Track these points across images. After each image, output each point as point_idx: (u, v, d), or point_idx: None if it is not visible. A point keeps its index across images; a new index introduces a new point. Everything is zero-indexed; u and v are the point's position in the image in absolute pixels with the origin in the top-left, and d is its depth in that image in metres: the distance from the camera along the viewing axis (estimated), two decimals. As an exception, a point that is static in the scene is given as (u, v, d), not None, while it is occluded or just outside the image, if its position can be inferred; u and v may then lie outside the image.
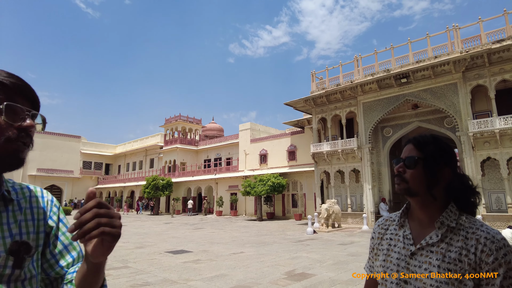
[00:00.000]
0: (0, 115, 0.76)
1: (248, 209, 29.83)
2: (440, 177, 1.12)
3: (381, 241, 1.24)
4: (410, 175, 1.13)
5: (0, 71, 0.82)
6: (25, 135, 0.80)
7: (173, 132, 40.90)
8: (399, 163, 1.17)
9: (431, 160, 1.12)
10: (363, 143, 19.94)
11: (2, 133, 0.76)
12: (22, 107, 0.80)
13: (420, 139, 1.18)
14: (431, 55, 17.66)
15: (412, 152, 1.16)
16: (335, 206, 17.72)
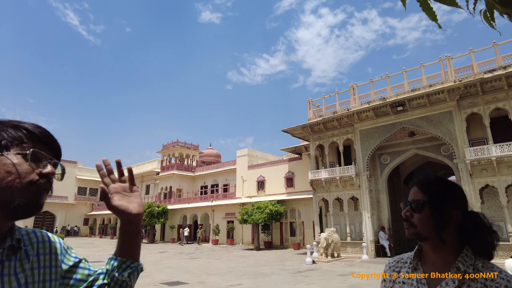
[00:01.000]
0: (25, 160, 0.81)
1: (245, 238, 29.19)
2: (448, 220, 1.07)
3: (394, 285, 1.18)
4: (417, 219, 1.10)
5: (30, 123, 0.90)
6: (45, 181, 0.84)
7: (170, 158, 40.73)
8: (406, 207, 1.14)
9: (437, 203, 1.08)
10: (361, 170, 19.90)
11: (26, 177, 0.80)
12: (46, 155, 0.86)
13: (424, 180, 1.15)
14: (426, 84, 18.02)
15: (417, 195, 1.13)
16: (334, 235, 17.40)
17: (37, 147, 0.85)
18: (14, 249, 0.84)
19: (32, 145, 0.84)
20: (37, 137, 0.86)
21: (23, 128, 0.85)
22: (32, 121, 0.90)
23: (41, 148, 0.86)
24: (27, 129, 0.85)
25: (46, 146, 0.88)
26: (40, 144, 0.86)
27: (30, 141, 0.85)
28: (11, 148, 0.81)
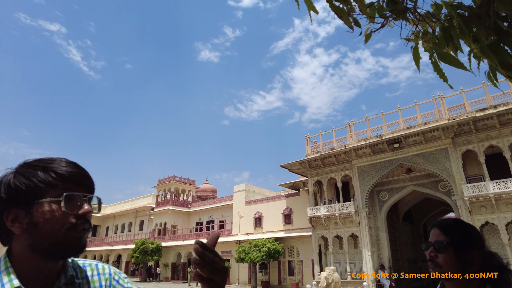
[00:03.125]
0: (60, 205, 0.81)
1: (242, 277, 28.19)
2: (471, 261, 1.14)
3: None
4: (442, 259, 1.16)
5: (60, 160, 0.88)
6: (84, 221, 0.84)
7: (165, 193, 40.21)
8: (430, 248, 1.21)
9: (460, 245, 1.16)
10: (360, 207, 19.78)
11: (64, 222, 0.81)
12: (79, 195, 0.84)
13: (445, 223, 1.23)
14: (421, 122, 18.47)
15: (439, 236, 1.20)
16: (334, 274, 16.92)
17: (70, 187, 0.84)
18: (68, 286, 0.86)
19: (64, 186, 0.83)
20: (68, 178, 0.85)
21: (52, 171, 0.84)
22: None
23: (73, 187, 0.85)
24: (56, 172, 0.84)
25: (80, 184, 0.87)
26: (72, 183, 0.85)
27: (61, 183, 0.83)
28: (45, 194, 0.82)
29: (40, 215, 0.80)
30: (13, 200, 0.81)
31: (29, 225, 0.80)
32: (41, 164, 0.85)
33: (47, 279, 0.84)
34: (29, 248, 0.81)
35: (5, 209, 0.81)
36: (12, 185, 0.81)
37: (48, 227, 0.80)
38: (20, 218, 0.80)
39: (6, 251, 0.84)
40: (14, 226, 0.81)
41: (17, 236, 0.82)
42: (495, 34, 1.41)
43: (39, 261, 0.82)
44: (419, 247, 24.96)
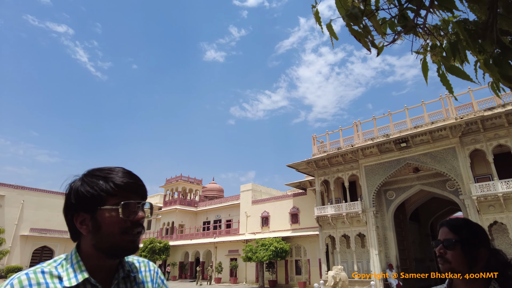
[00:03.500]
0: (118, 212, 0.94)
1: (249, 276, 28.38)
2: (478, 257, 1.25)
3: None
4: (451, 256, 1.27)
5: (118, 171, 1.01)
6: (137, 225, 0.97)
7: (173, 193, 40.57)
8: (439, 245, 1.31)
9: (468, 243, 1.26)
10: (367, 206, 19.82)
11: (121, 227, 0.94)
12: (134, 202, 0.98)
13: (454, 223, 1.33)
14: (428, 121, 18.45)
15: (448, 235, 1.30)
16: (342, 273, 17.00)
17: (126, 196, 0.97)
18: (126, 280, 1.02)
19: (121, 195, 0.96)
20: (125, 188, 0.97)
21: (111, 181, 0.96)
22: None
23: (129, 196, 0.97)
24: (115, 183, 0.96)
25: (134, 192, 1.00)
26: (128, 192, 0.98)
27: (119, 192, 0.96)
28: (106, 202, 0.95)
29: (102, 220, 0.94)
30: (80, 205, 0.95)
31: (94, 228, 0.94)
32: (102, 174, 0.98)
33: (109, 273, 0.99)
34: (94, 247, 0.95)
35: (75, 212, 0.96)
36: (80, 193, 0.95)
37: (108, 231, 0.94)
38: (86, 221, 0.95)
39: (76, 247, 0.99)
40: (82, 228, 0.95)
41: (84, 236, 0.97)
42: (499, 47, 1.54)
43: (102, 258, 0.96)
44: (427, 247, 24.91)
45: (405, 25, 1.75)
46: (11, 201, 40.67)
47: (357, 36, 1.34)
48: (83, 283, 0.90)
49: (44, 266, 0.91)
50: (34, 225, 41.60)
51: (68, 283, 0.88)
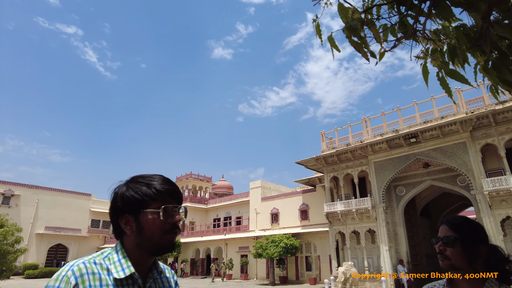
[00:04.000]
0: (159, 215, 1.07)
1: (260, 273, 28.60)
2: (478, 254, 1.31)
3: None
4: (451, 253, 1.33)
5: (158, 178, 1.13)
6: (175, 227, 1.10)
7: (183, 190, 41.02)
8: (439, 242, 1.37)
9: (468, 240, 1.32)
10: (377, 202, 19.78)
11: (162, 228, 1.07)
12: (173, 206, 1.10)
13: (453, 221, 1.40)
14: (438, 116, 18.27)
15: (448, 232, 1.36)
16: (352, 269, 17.08)
17: (166, 200, 1.09)
18: (156, 279, 1.14)
19: (162, 199, 1.08)
20: (164, 194, 1.09)
21: (154, 187, 1.09)
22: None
23: (168, 200, 1.10)
24: (156, 189, 1.09)
25: (173, 198, 1.12)
26: (167, 197, 1.10)
27: (160, 197, 1.08)
28: (148, 205, 1.07)
29: (145, 222, 1.06)
30: (125, 208, 1.08)
31: (138, 229, 1.07)
32: (145, 181, 1.10)
33: (146, 269, 1.12)
34: (137, 246, 1.08)
35: (120, 214, 1.09)
36: (125, 197, 1.08)
37: (151, 232, 1.06)
38: (130, 222, 1.08)
39: (119, 243, 1.12)
40: (126, 228, 1.08)
41: (128, 235, 1.09)
42: (497, 52, 1.61)
43: (143, 255, 1.09)
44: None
45: (406, 31, 1.84)
46: (26, 200, 41.59)
47: (356, 47, 1.43)
48: (128, 278, 1.02)
49: (95, 257, 1.04)
50: (49, 223, 42.53)
51: (117, 275, 1.00)
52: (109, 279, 1.00)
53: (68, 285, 0.92)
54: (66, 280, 0.93)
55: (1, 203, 39.40)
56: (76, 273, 0.95)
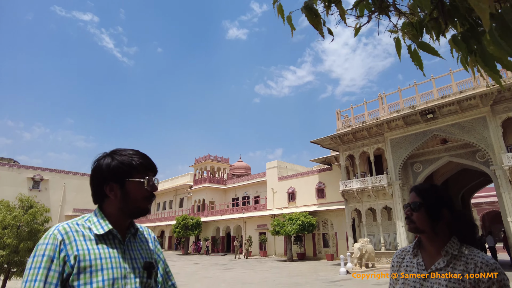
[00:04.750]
0: (143, 184, 1.26)
1: (278, 250, 29.35)
2: (440, 217, 1.43)
3: (399, 268, 1.54)
4: (416, 217, 1.46)
5: (138, 152, 1.32)
6: (152, 195, 1.29)
7: (202, 172, 41.91)
8: (407, 208, 1.51)
9: (431, 205, 1.45)
10: (393, 179, 19.70)
11: (144, 195, 1.26)
12: (153, 177, 1.29)
13: (420, 187, 1.52)
14: (456, 90, 17.75)
15: (415, 198, 1.50)
16: (368, 245, 17.30)
17: (147, 172, 1.28)
18: (134, 235, 1.32)
19: (143, 171, 1.26)
20: (146, 166, 1.28)
21: (137, 160, 1.26)
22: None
23: (147, 172, 1.28)
24: (140, 162, 1.26)
25: (152, 170, 1.31)
26: (147, 169, 1.28)
27: (142, 169, 1.26)
28: (133, 175, 1.24)
29: (131, 189, 1.23)
30: (111, 177, 1.25)
31: (123, 195, 1.25)
32: (128, 154, 1.27)
33: (124, 228, 1.30)
34: (119, 209, 1.26)
35: (105, 182, 1.26)
36: (112, 167, 1.25)
37: (135, 197, 1.24)
38: (115, 189, 1.25)
39: (98, 208, 1.30)
40: (111, 194, 1.25)
41: (111, 200, 1.26)
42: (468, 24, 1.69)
43: (123, 218, 1.28)
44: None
45: (378, 6, 1.94)
46: (54, 185, 43.66)
47: (314, 25, 1.55)
48: (107, 233, 1.22)
49: (77, 220, 1.23)
50: (76, 206, 44.67)
51: (97, 232, 1.20)
52: (91, 235, 1.18)
53: (55, 241, 1.10)
54: (53, 237, 1.12)
55: (32, 187, 41.57)
56: (61, 231, 1.14)
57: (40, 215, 10.05)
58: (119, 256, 1.19)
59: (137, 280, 1.20)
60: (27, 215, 9.71)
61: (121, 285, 1.14)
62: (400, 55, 2.02)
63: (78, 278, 1.07)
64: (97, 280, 1.09)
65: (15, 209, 10.01)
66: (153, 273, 1.28)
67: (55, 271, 1.06)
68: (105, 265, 1.13)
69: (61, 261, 1.08)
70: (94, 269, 1.10)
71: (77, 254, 1.10)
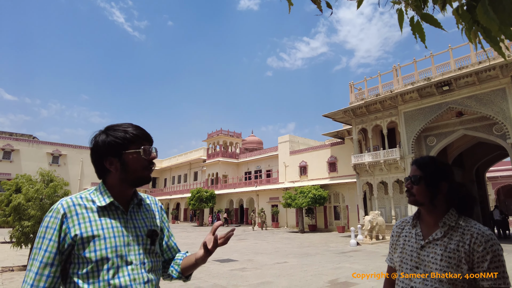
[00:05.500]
0: (140, 154, 1.30)
1: (290, 221, 29.99)
2: (439, 190, 1.47)
3: (399, 238, 1.60)
4: (415, 190, 1.50)
5: (130, 125, 1.33)
6: (151, 163, 1.34)
7: (215, 146, 42.42)
8: (408, 181, 1.56)
9: (430, 178, 1.49)
10: (406, 153, 19.55)
11: (142, 164, 1.30)
12: (149, 146, 1.33)
13: (421, 161, 1.55)
14: (475, 61, 17.11)
15: (416, 172, 1.53)
16: (378, 218, 17.49)
17: (142, 142, 1.31)
18: (139, 205, 1.38)
19: (139, 142, 1.30)
20: (140, 137, 1.31)
21: (130, 133, 1.29)
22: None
23: (143, 142, 1.31)
24: (133, 133, 1.30)
25: (148, 140, 1.34)
26: (142, 140, 1.31)
27: (137, 140, 1.29)
28: (129, 147, 1.28)
29: (128, 160, 1.28)
30: (109, 151, 1.32)
31: (122, 167, 1.32)
32: (121, 129, 1.31)
33: (127, 199, 1.38)
34: (121, 180, 1.29)
35: (104, 157, 1.33)
36: (108, 143, 1.28)
37: (134, 168, 1.28)
38: (114, 163, 1.31)
39: (102, 182, 1.38)
40: (111, 167, 1.33)
41: (112, 173, 1.34)
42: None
43: (125, 188, 1.35)
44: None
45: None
46: (72, 160, 45.00)
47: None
48: (109, 205, 1.30)
49: (81, 193, 1.32)
50: (94, 180, 46.13)
51: (100, 204, 1.29)
52: (94, 207, 1.26)
53: (58, 214, 1.20)
54: (56, 211, 1.20)
55: (52, 162, 43.02)
56: (64, 205, 1.23)
57: (60, 189, 10.51)
58: (121, 225, 1.27)
59: (140, 247, 1.29)
60: (48, 188, 10.19)
61: (125, 252, 1.23)
62: (402, 28, 1.98)
63: (83, 247, 1.18)
64: (100, 248, 1.18)
65: (37, 183, 10.50)
66: (156, 240, 1.36)
67: (55, 242, 1.17)
68: (107, 234, 1.22)
69: (62, 232, 1.18)
70: (97, 238, 1.20)
71: (79, 227, 1.20)
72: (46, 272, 1.14)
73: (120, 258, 1.21)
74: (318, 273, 8.78)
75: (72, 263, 1.20)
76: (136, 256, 1.26)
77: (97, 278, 1.16)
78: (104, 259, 1.18)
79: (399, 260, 1.53)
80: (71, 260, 1.20)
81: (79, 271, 1.17)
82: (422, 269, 1.41)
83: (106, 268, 1.18)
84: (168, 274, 1.49)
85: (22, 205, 9.65)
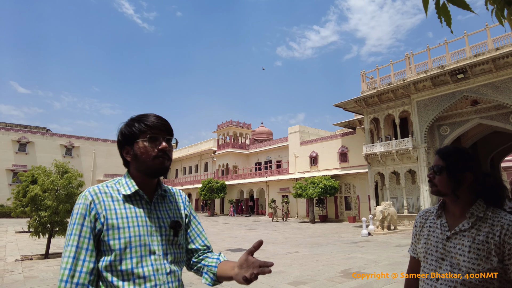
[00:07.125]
0: (146, 143, 1.27)
1: (300, 212, 30.05)
2: (462, 181, 1.42)
3: (422, 229, 1.56)
4: (437, 180, 1.46)
5: (149, 115, 1.33)
6: (163, 154, 1.29)
7: (225, 137, 42.56)
8: (431, 171, 1.51)
9: (453, 168, 1.44)
10: (419, 143, 19.27)
11: (150, 154, 1.27)
12: (159, 136, 1.29)
13: (444, 150, 1.51)
14: (492, 47, 16.62)
15: (438, 161, 1.49)
16: (390, 208, 17.37)
17: (154, 132, 1.28)
18: (163, 196, 1.38)
19: (150, 131, 1.27)
20: (152, 127, 1.28)
21: (143, 122, 1.29)
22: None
23: (157, 132, 1.28)
24: (145, 123, 1.28)
25: (161, 130, 1.30)
26: (156, 130, 1.28)
27: (148, 129, 1.27)
28: (139, 137, 1.28)
29: (137, 149, 1.28)
30: (125, 141, 1.34)
31: (134, 156, 1.33)
32: (137, 118, 1.31)
33: (150, 189, 1.38)
34: (136, 170, 1.34)
35: (123, 146, 1.36)
36: (123, 133, 1.35)
37: (142, 157, 1.27)
38: (129, 152, 1.31)
39: (127, 171, 1.40)
40: (127, 156, 1.35)
41: (132, 163, 1.36)
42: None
43: (144, 178, 1.36)
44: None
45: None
46: (85, 151, 45.75)
47: None
48: (134, 194, 1.31)
49: (108, 182, 1.34)
50: (106, 171, 46.94)
51: (124, 192, 1.30)
52: (119, 196, 1.28)
53: (86, 200, 1.23)
54: (85, 198, 1.24)
55: (65, 154, 43.82)
56: (91, 192, 1.25)
57: (74, 180, 10.70)
58: (145, 215, 1.28)
59: (163, 237, 1.29)
60: (63, 179, 10.38)
61: (148, 242, 1.24)
62: (427, 11, 1.90)
63: (108, 234, 1.19)
64: (124, 236, 1.19)
65: (52, 174, 10.70)
66: (179, 231, 1.36)
67: (87, 227, 1.19)
68: (131, 223, 1.23)
69: (92, 218, 1.20)
70: (122, 227, 1.21)
71: (105, 213, 1.22)
72: (82, 256, 1.16)
73: (144, 247, 1.22)
74: (330, 263, 8.79)
75: (99, 251, 1.21)
76: (159, 247, 1.26)
77: (120, 267, 1.17)
78: (128, 248, 1.19)
79: (424, 251, 1.49)
80: (99, 248, 1.21)
81: (103, 261, 1.18)
82: (448, 260, 1.37)
83: (129, 257, 1.18)
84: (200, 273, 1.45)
85: (39, 196, 9.87)
